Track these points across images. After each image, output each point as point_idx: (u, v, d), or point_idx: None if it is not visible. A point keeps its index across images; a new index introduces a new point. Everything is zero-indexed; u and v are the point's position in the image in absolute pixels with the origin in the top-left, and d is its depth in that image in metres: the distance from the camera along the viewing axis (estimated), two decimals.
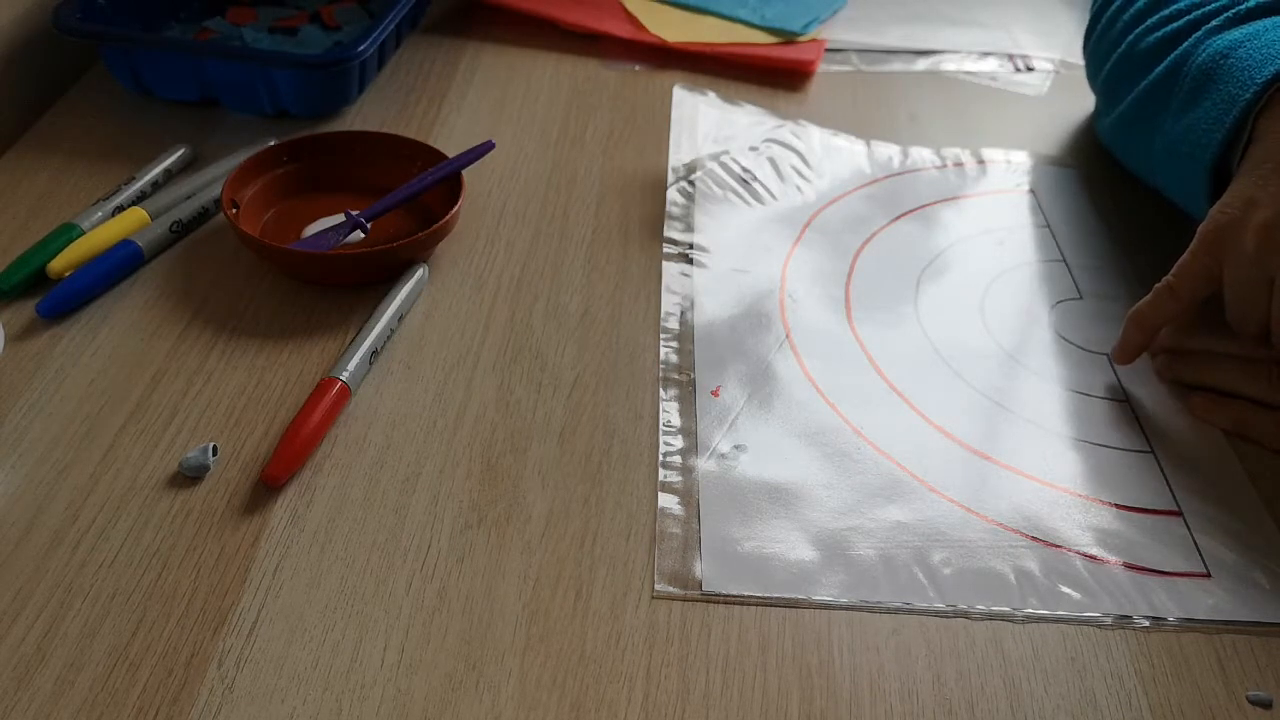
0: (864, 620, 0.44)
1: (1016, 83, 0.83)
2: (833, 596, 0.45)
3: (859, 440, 0.52)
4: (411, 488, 0.48)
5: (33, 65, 0.75)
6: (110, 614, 0.42)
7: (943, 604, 0.45)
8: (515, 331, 0.57)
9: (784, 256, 0.64)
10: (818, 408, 0.54)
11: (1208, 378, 0.55)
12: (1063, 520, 0.49)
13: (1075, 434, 0.54)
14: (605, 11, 0.86)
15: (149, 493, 0.47)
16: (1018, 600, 0.46)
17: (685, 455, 0.51)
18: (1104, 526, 0.49)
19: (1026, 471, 0.52)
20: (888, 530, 0.48)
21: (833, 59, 0.84)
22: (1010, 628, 0.44)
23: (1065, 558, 0.47)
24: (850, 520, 0.48)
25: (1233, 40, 0.58)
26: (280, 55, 0.72)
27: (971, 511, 0.49)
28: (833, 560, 0.47)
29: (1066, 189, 0.72)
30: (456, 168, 0.62)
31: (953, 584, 0.46)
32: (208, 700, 0.40)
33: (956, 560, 0.47)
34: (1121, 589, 0.46)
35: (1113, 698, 0.42)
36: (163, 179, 0.65)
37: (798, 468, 0.51)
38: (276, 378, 0.53)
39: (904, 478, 0.51)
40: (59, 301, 0.55)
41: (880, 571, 0.46)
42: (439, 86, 0.77)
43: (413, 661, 0.41)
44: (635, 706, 0.40)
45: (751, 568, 0.46)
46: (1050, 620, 0.45)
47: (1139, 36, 0.65)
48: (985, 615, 0.45)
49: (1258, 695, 0.42)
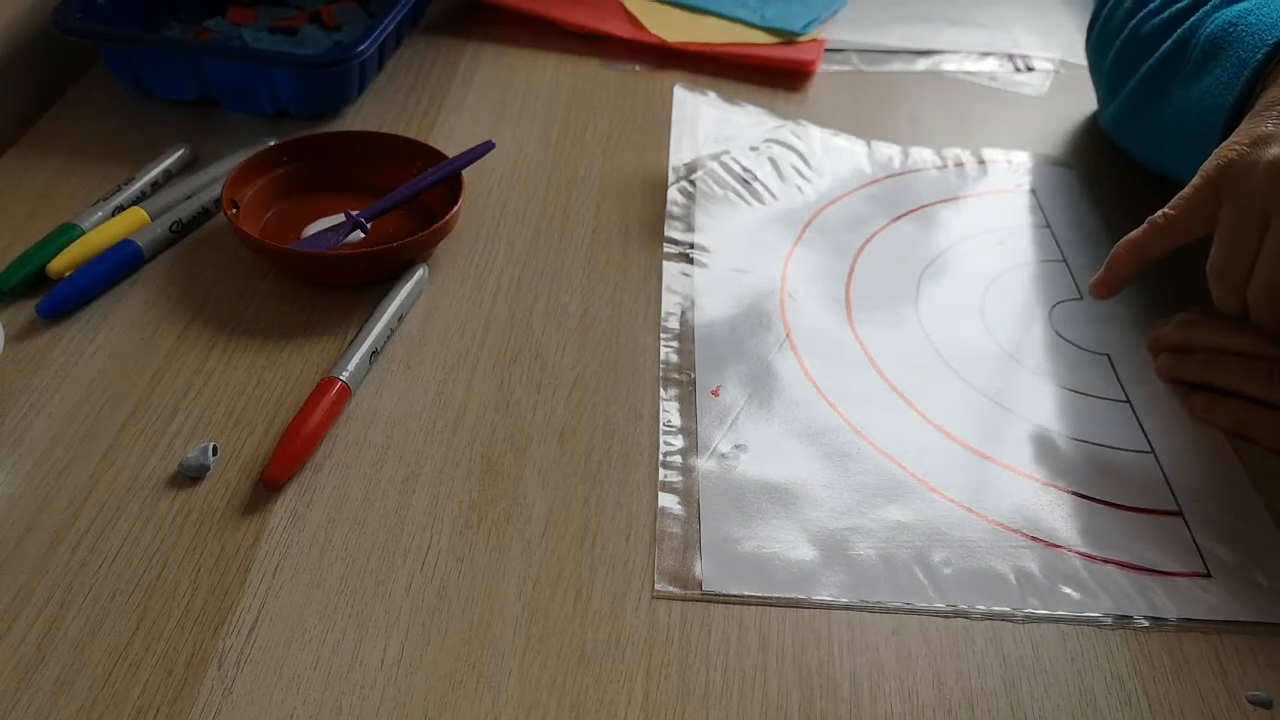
0: (864, 620, 0.44)
1: (1016, 83, 0.83)
2: (833, 596, 0.45)
3: (859, 440, 0.52)
4: (411, 488, 0.48)
5: (33, 65, 0.75)
6: (110, 614, 0.42)
7: (943, 604, 0.45)
8: (515, 331, 0.57)
9: (784, 256, 0.64)
10: (818, 408, 0.54)
11: (1208, 376, 0.55)
12: (1063, 520, 0.49)
13: (1075, 434, 0.54)
14: (605, 11, 0.86)
15: (149, 493, 0.47)
16: (1018, 600, 0.45)
17: (685, 455, 0.51)
18: (1104, 526, 0.49)
19: (1026, 471, 0.51)
20: (888, 530, 0.48)
21: (833, 59, 0.84)
22: (1010, 628, 0.44)
23: (1065, 558, 0.47)
24: (850, 520, 0.48)
25: (1240, 11, 0.58)
26: (280, 55, 0.72)
27: (971, 511, 0.49)
28: (833, 560, 0.47)
29: (1066, 189, 0.72)
30: (456, 168, 0.62)
31: (953, 584, 0.46)
32: (208, 700, 0.40)
33: (956, 560, 0.47)
34: (1121, 589, 0.46)
35: (1113, 698, 0.42)
36: (162, 179, 0.65)
37: (798, 467, 0.51)
38: (276, 378, 0.53)
39: (904, 478, 0.51)
40: (59, 301, 0.55)
41: (880, 571, 0.46)
42: (439, 86, 0.77)
43: (413, 661, 0.41)
44: (635, 707, 0.40)
45: (752, 568, 0.46)
46: (1050, 620, 0.45)
47: (1142, 20, 0.65)
48: (985, 615, 0.45)
49: (1258, 695, 0.42)
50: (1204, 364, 0.55)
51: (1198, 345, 0.56)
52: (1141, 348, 0.58)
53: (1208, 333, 0.55)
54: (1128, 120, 0.69)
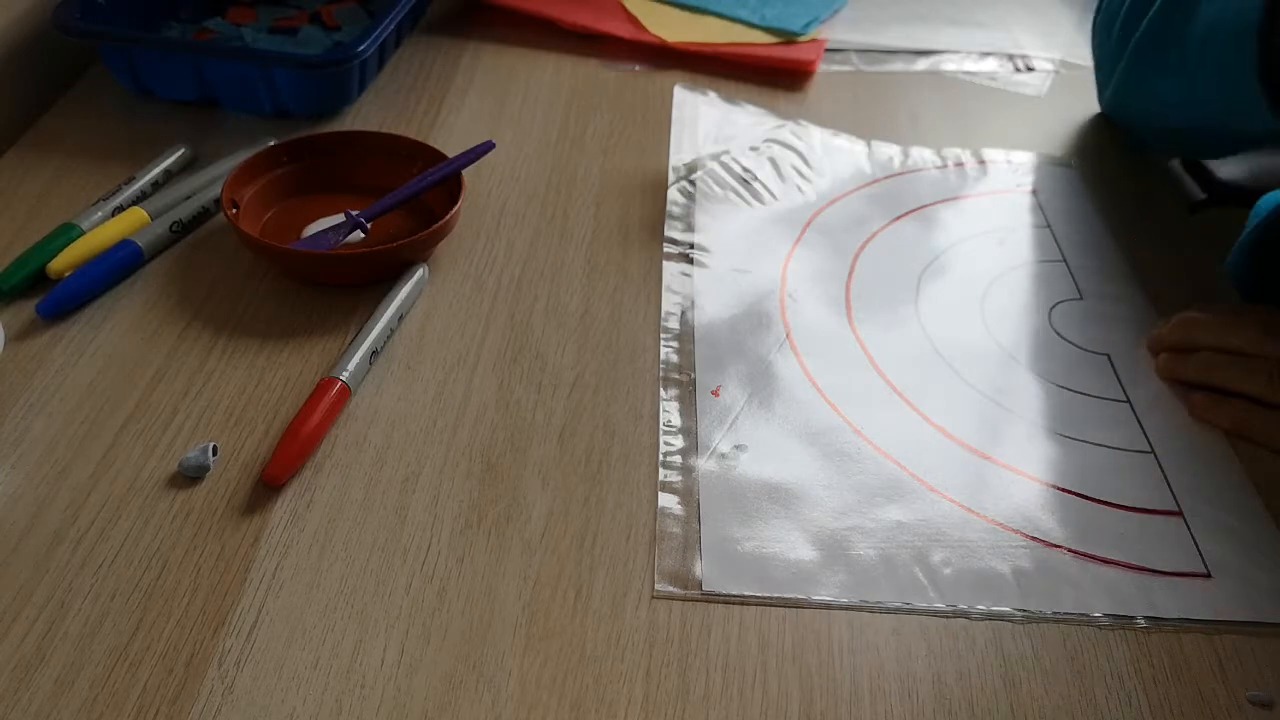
0: (864, 620, 0.44)
1: (1016, 83, 0.83)
2: (833, 596, 0.45)
3: (859, 440, 0.52)
4: (411, 488, 0.48)
5: (33, 65, 0.75)
6: (110, 614, 0.42)
7: (943, 604, 0.45)
8: (515, 331, 0.57)
9: (785, 256, 0.64)
10: (818, 408, 0.54)
11: (1208, 376, 0.55)
12: (1063, 520, 0.49)
13: (1075, 434, 0.54)
14: (605, 11, 0.86)
15: (149, 493, 0.47)
16: (1018, 600, 0.45)
17: (685, 455, 0.51)
18: (1104, 526, 0.49)
19: (1026, 471, 0.51)
20: (888, 530, 0.48)
21: (833, 59, 0.84)
22: (1010, 628, 0.44)
23: (1065, 558, 0.47)
24: (850, 520, 0.48)
25: None
26: (280, 55, 0.72)
27: (972, 512, 0.49)
28: (833, 560, 0.47)
29: (1067, 189, 0.72)
30: (456, 168, 0.62)
31: (953, 584, 0.46)
32: (208, 700, 0.40)
33: (956, 560, 0.47)
34: (1121, 589, 0.46)
35: (1113, 698, 0.42)
36: (163, 179, 0.65)
37: (798, 467, 0.51)
38: (276, 378, 0.53)
39: (904, 478, 0.51)
40: (59, 301, 0.55)
41: (880, 571, 0.46)
42: (439, 86, 0.77)
43: (413, 661, 0.41)
44: (635, 707, 0.40)
45: (752, 567, 0.46)
46: (1050, 620, 0.45)
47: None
48: (985, 615, 0.45)
49: (1258, 695, 0.42)
50: (1204, 364, 0.55)
51: (1198, 344, 0.56)
52: (1141, 347, 0.59)
53: (1207, 332, 0.56)
54: (1140, 71, 0.66)
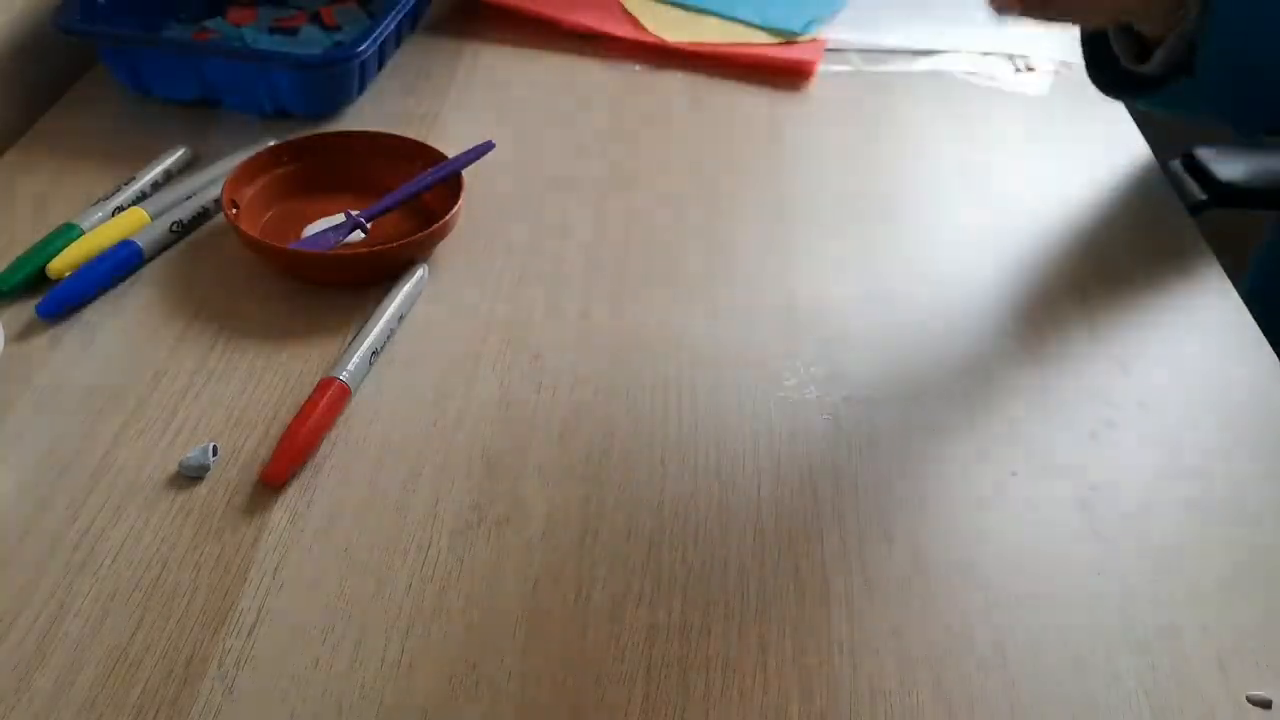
0: (864, 620, 0.44)
1: (1016, 83, 0.83)
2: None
3: None
4: (411, 488, 0.48)
5: (33, 65, 0.75)
6: (110, 614, 0.42)
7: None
8: (515, 331, 0.57)
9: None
10: None
11: None
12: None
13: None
14: (605, 11, 0.86)
15: (149, 493, 0.47)
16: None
17: None
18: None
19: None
20: None
21: (833, 59, 0.84)
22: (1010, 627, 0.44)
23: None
24: None
25: None
26: (280, 55, 0.72)
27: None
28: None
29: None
30: (456, 168, 0.62)
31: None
32: (208, 700, 0.40)
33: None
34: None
35: (1113, 698, 0.42)
36: (162, 179, 0.65)
37: None
38: (276, 378, 0.53)
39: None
40: (59, 301, 0.55)
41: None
42: (439, 86, 0.77)
43: (413, 661, 0.41)
44: (635, 706, 0.40)
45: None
46: (1050, 620, 0.45)
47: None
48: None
49: (1258, 695, 0.42)
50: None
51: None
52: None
53: None
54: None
